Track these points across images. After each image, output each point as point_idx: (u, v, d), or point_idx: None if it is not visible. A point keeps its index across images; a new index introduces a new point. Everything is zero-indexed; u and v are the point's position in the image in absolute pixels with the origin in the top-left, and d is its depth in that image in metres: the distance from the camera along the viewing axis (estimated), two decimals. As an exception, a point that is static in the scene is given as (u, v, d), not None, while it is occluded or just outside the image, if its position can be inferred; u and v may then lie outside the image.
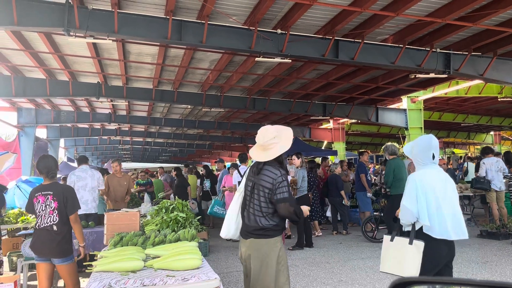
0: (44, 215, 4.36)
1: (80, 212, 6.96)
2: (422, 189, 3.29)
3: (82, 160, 7.83)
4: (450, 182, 3.40)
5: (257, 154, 3.37)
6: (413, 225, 3.31)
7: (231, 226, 3.48)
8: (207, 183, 12.55)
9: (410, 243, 3.21)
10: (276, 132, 3.34)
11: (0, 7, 6.76)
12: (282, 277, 3.25)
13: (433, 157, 3.38)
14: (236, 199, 3.52)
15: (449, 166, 11.57)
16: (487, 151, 9.84)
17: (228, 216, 3.51)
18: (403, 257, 3.24)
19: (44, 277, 4.40)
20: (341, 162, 12.26)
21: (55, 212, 4.35)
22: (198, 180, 13.34)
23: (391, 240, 3.37)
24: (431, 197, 3.26)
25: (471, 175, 12.35)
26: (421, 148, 3.45)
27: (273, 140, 3.29)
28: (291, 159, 9.62)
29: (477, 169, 10.97)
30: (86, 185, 7.35)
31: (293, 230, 9.43)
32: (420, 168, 3.44)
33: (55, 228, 4.33)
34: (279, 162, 3.37)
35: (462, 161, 21.36)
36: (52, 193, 4.40)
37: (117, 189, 8.21)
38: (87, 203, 7.26)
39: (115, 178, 8.32)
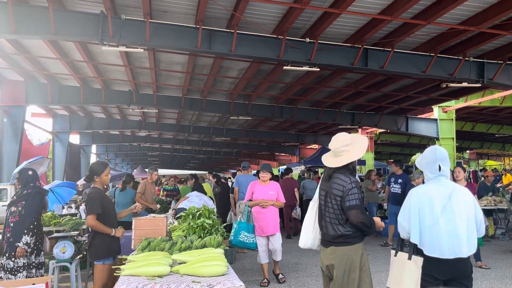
0: None
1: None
2: (416, 204, 3.18)
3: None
4: (458, 196, 3.13)
5: (328, 159, 3.41)
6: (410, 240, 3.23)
7: (308, 236, 3.51)
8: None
9: (409, 258, 3.14)
10: (351, 140, 3.37)
11: (38, 18, 7.09)
12: (364, 284, 3.28)
13: (440, 169, 3.21)
14: (311, 208, 3.54)
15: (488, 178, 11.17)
16: None
17: (305, 225, 3.54)
18: (403, 272, 3.18)
19: None
20: (370, 171, 12.06)
21: None
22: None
23: (395, 255, 3.29)
24: (426, 213, 3.12)
25: None
26: (427, 161, 3.28)
27: (345, 148, 3.32)
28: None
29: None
30: None
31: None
32: (428, 181, 3.28)
33: None
34: (349, 169, 3.37)
35: (498, 173, 20.62)
36: None
37: (149, 194, 8.84)
38: None
39: (149, 185, 8.94)
